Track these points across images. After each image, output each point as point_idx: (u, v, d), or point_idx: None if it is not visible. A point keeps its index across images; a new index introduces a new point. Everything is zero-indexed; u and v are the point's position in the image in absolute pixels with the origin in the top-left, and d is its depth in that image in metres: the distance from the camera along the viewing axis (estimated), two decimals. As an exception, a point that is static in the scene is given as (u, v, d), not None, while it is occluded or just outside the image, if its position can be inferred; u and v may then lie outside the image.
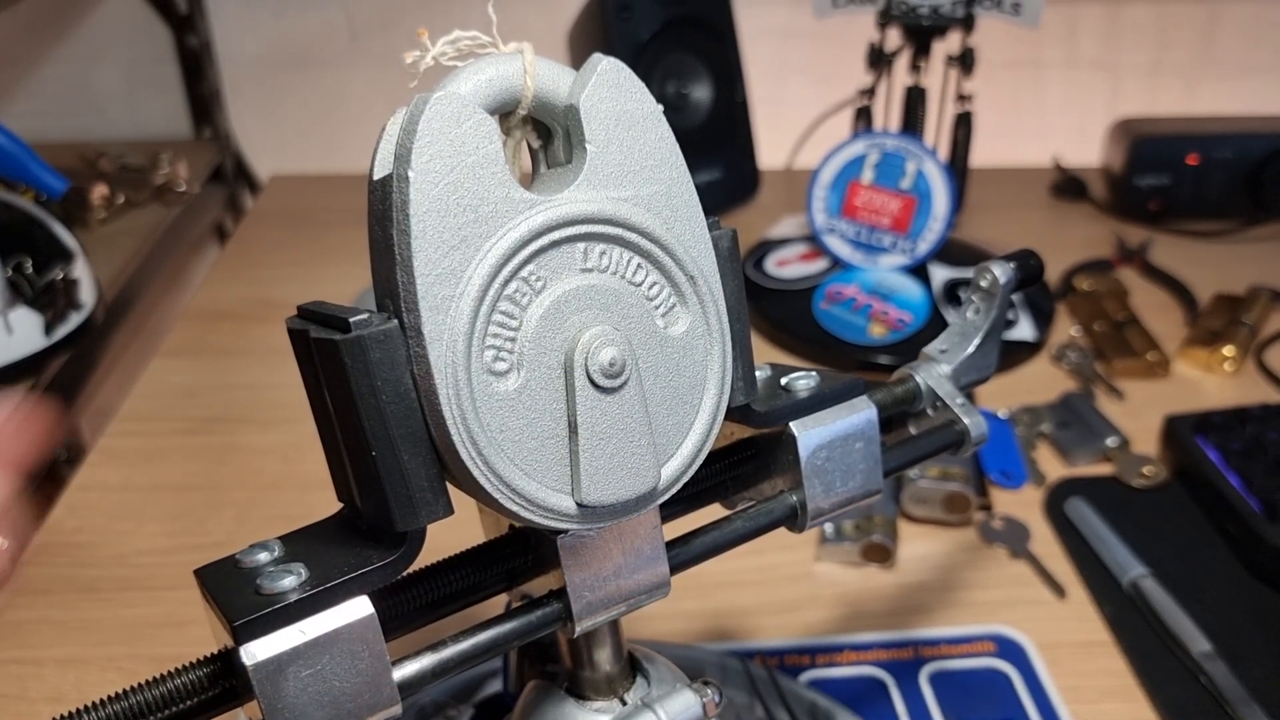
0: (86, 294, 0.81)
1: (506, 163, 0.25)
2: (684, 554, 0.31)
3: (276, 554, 0.26)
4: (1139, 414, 0.74)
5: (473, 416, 0.25)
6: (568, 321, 0.26)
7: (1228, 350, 0.81)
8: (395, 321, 0.25)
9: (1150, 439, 0.71)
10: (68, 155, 1.07)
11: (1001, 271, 0.39)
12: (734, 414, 0.31)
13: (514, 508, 0.26)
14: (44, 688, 0.54)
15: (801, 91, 1.15)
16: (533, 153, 0.28)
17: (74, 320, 0.79)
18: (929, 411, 0.39)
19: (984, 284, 0.39)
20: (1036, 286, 0.80)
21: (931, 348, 0.40)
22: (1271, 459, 0.65)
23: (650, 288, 0.27)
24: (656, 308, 0.28)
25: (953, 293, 0.84)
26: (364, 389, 0.24)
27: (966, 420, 0.38)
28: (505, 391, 0.25)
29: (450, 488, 0.26)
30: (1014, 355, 0.82)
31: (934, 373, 0.39)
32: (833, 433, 0.33)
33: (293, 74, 1.19)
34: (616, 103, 0.27)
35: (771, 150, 1.14)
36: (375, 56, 1.18)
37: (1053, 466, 0.70)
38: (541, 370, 0.26)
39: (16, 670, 0.55)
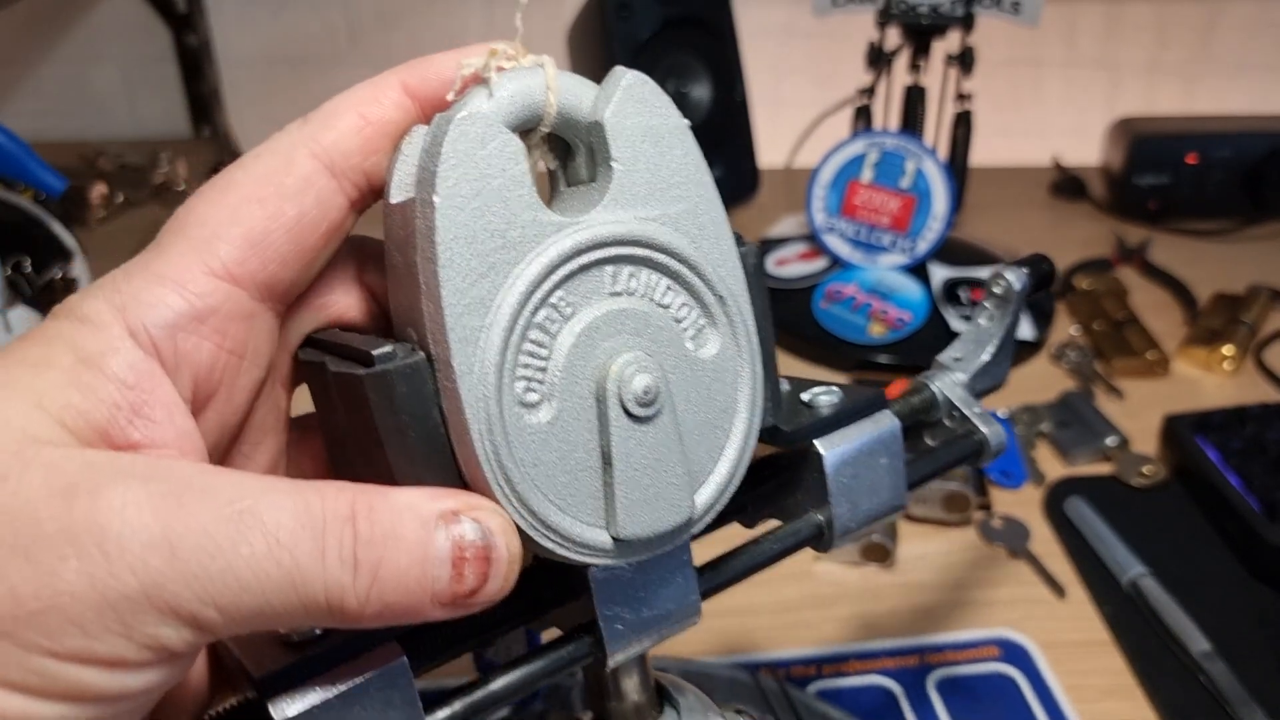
0: (86, 293, 0.81)
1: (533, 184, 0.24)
2: (714, 579, 0.30)
3: None
4: (1138, 413, 0.74)
5: (505, 451, 0.23)
6: (599, 348, 0.25)
7: (1227, 349, 0.81)
8: (422, 354, 0.23)
9: (1150, 438, 0.71)
10: (67, 154, 1.07)
11: (1016, 278, 0.38)
12: (761, 435, 0.29)
13: (549, 544, 0.25)
14: None
15: (801, 91, 1.15)
16: (550, 171, 0.27)
17: (73, 320, 0.79)
18: (945, 421, 0.38)
19: (998, 290, 0.39)
20: (1036, 286, 0.80)
21: (945, 356, 0.39)
22: (1271, 459, 0.65)
23: (679, 309, 0.26)
24: (685, 330, 0.26)
25: (952, 292, 0.84)
26: (389, 426, 0.23)
27: (985, 430, 0.37)
28: (537, 424, 0.24)
29: None
30: (1014, 354, 0.82)
31: (949, 381, 0.38)
32: (857, 449, 0.32)
33: (291, 73, 1.19)
34: (642, 118, 0.26)
35: (771, 149, 1.13)
36: (373, 56, 1.18)
37: (1052, 466, 0.70)
38: (574, 400, 0.24)
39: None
